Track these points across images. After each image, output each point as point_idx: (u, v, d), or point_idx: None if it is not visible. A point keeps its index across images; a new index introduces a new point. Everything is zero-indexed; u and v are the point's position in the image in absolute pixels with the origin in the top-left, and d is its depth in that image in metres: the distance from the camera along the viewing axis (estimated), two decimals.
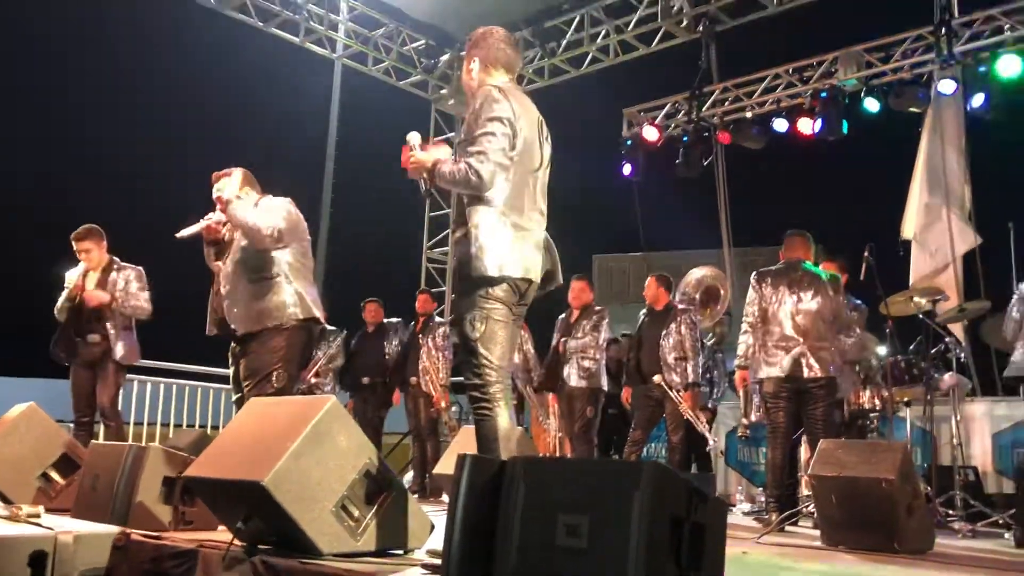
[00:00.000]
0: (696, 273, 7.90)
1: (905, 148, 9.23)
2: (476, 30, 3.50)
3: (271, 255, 4.32)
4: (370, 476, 3.02)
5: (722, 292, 7.45)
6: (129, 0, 15.95)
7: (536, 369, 7.56)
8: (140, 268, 6.17)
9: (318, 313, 4.40)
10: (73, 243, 6.04)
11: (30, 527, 2.94)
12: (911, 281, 8.55)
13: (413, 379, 7.99)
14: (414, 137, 3.34)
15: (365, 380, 8.17)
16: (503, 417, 3.11)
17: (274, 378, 4.25)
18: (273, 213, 4.34)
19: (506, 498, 2.38)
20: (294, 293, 4.33)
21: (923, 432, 6.71)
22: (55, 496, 4.24)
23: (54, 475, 4.33)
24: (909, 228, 8.86)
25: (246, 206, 4.35)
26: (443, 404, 7.88)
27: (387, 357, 8.28)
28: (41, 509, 3.12)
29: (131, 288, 6.02)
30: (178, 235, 4.36)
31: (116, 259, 6.15)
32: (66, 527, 2.97)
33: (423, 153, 3.28)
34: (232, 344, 4.50)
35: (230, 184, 4.43)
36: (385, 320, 8.48)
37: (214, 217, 4.43)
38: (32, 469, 4.28)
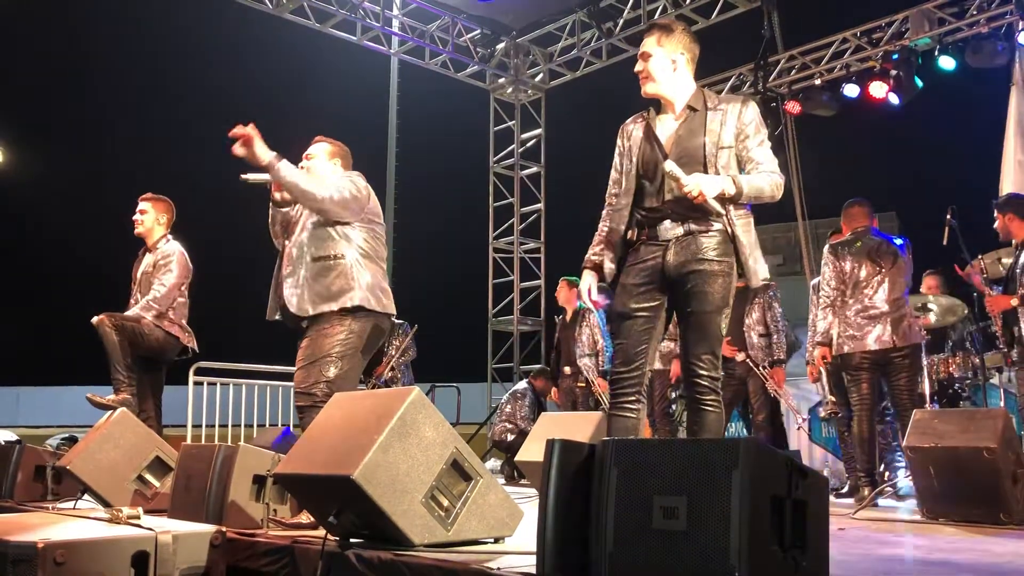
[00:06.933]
0: None
1: (986, 105, 8.85)
2: (663, 20, 3.56)
3: (338, 235, 3.92)
4: (457, 466, 3.02)
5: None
6: (183, 6, 16.23)
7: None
8: (179, 250, 5.60)
9: (388, 305, 4.00)
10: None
11: (131, 528, 2.99)
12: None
13: (567, 369, 7.75)
14: (673, 166, 3.12)
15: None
16: None
17: (324, 365, 3.79)
18: (339, 181, 3.94)
19: (598, 482, 2.35)
20: (362, 280, 3.89)
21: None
22: (151, 498, 4.34)
23: (149, 477, 4.44)
24: (1007, 187, 8.49)
25: (299, 171, 3.93)
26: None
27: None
28: (140, 511, 3.18)
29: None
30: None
31: (170, 237, 5.69)
32: (165, 527, 3.02)
33: (709, 178, 3.13)
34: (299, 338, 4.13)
35: (319, 150, 4.14)
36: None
37: None
38: (128, 473, 4.40)
